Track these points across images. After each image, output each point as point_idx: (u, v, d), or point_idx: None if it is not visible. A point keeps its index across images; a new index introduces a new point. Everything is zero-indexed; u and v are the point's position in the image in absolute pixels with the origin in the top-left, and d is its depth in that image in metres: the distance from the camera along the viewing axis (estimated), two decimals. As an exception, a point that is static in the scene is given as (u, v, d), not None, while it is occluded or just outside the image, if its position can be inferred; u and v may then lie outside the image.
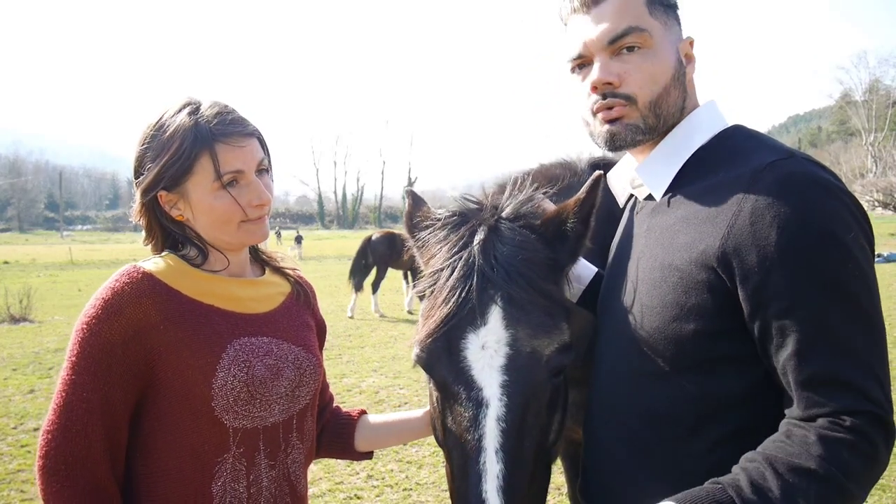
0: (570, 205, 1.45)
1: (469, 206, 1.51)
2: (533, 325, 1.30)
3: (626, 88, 1.31)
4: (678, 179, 1.33)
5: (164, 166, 1.41)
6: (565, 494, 4.34)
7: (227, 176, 1.42)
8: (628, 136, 1.34)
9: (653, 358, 1.25)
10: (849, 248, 1.08)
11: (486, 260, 1.34)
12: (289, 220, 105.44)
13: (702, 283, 1.17)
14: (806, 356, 1.07)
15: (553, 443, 1.37)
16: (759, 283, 1.10)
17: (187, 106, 1.46)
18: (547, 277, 1.38)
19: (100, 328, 1.30)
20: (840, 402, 1.05)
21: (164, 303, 1.36)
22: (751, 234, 1.11)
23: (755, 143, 1.27)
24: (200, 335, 1.37)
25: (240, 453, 1.39)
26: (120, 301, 1.32)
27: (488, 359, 1.28)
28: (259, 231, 1.51)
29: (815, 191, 1.10)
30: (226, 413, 1.36)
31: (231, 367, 1.37)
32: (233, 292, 1.49)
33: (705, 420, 1.20)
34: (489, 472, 1.21)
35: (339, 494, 4.61)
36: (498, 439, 1.23)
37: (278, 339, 1.50)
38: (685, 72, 1.36)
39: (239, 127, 1.46)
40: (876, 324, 1.10)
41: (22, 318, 12.70)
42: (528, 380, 1.28)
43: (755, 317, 1.12)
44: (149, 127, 1.46)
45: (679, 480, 1.21)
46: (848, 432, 1.03)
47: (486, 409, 1.25)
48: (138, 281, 1.35)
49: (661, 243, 1.29)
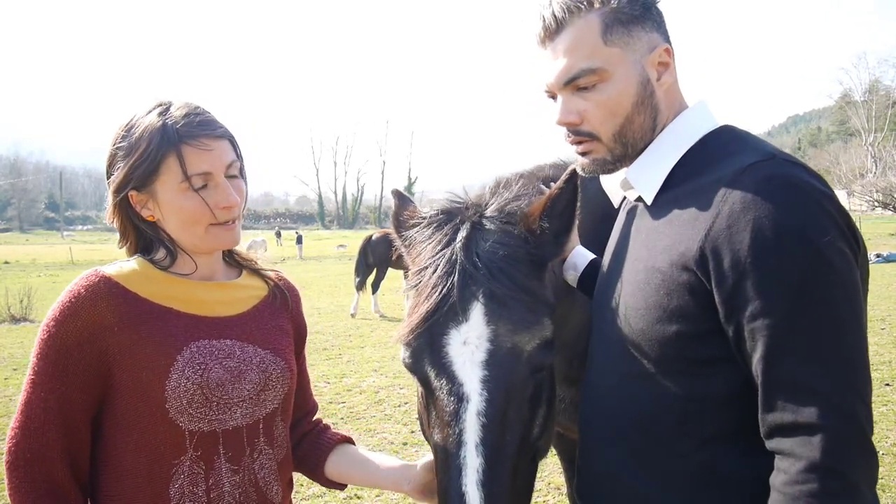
0: (544, 201, 1.46)
1: (454, 205, 1.52)
2: (514, 320, 1.32)
3: (587, 126, 1.34)
4: (667, 181, 1.33)
5: (131, 167, 1.42)
6: (565, 494, 4.35)
7: (196, 178, 1.41)
8: (597, 169, 1.39)
9: (638, 359, 1.26)
10: (822, 252, 1.06)
11: (467, 257, 1.36)
12: (289, 220, 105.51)
13: (682, 285, 1.17)
14: (772, 361, 1.07)
15: (538, 437, 1.38)
16: (732, 286, 1.10)
17: (158, 107, 1.46)
18: (529, 273, 1.39)
19: (57, 331, 1.33)
20: (804, 411, 1.03)
21: (120, 305, 1.37)
22: (727, 237, 1.11)
23: (740, 144, 1.27)
24: (155, 337, 1.37)
25: (197, 456, 1.38)
26: (76, 304, 1.34)
27: (469, 354, 1.30)
28: (228, 236, 1.49)
29: (791, 193, 1.10)
30: (180, 415, 1.35)
31: (185, 368, 1.36)
32: (197, 295, 1.48)
33: (692, 420, 1.20)
34: (469, 466, 1.23)
35: (339, 494, 4.61)
36: (478, 434, 1.25)
37: (244, 342, 1.49)
38: (653, 91, 1.33)
39: (207, 129, 1.44)
40: (851, 329, 1.07)
41: (22, 317, 12.72)
42: (508, 375, 1.30)
43: (730, 320, 1.12)
44: (120, 128, 1.47)
45: (667, 480, 1.23)
46: (818, 480, 1.01)
47: (467, 403, 1.28)
48: (95, 284, 1.37)
49: (646, 245, 1.29)
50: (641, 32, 1.31)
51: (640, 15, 1.31)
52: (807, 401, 1.04)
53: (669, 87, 1.35)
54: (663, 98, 1.35)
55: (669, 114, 1.36)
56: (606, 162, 1.37)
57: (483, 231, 1.41)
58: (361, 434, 5.86)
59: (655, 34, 1.33)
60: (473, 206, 1.49)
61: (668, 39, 1.36)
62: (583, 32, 1.28)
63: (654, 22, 1.33)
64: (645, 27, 1.31)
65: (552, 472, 4.84)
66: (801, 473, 1.02)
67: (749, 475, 1.16)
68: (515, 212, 1.47)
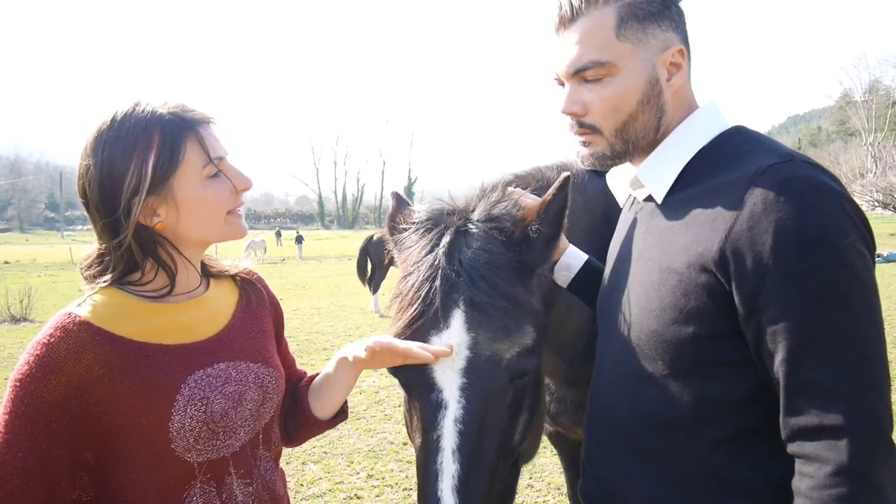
0: (536, 207, 1.46)
1: (442, 209, 1.53)
2: (494, 328, 1.33)
3: (590, 118, 1.33)
4: (678, 181, 1.32)
5: (154, 162, 1.27)
6: (565, 494, 4.35)
7: (216, 162, 1.34)
8: (597, 163, 1.39)
9: (651, 361, 1.25)
10: (844, 253, 1.06)
11: (450, 264, 1.37)
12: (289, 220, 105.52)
13: (700, 286, 1.16)
14: (795, 364, 1.06)
15: (519, 443, 1.39)
16: (753, 288, 1.10)
17: (139, 103, 1.32)
18: (512, 280, 1.39)
19: (35, 387, 1.18)
20: (829, 415, 1.03)
21: (107, 353, 1.24)
22: (748, 239, 1.10)
23: (755, 144, 1.26)
24: (150, 380, 1.27)
25: (207, 478, 1.33)
26: (56, 358, 1.20)
27: (449, 361, 1.32)
28: (241, 223, 1.44)
29: (813, 195, 1.09)
30: (188, 452, 1.29)
31: (187, 407, 1.29)
32: (180, 321, 1.37)
33: (705, 423, 1.19)
34: (446, 472, 1.25)
35: (339, 494, 4.62)
36: (455, 440, 1.27)
37: (236, 361, 1.41)
38: (660, 90, 1.31)
39: (203, 114, 1.37)
40: (871, 330, 1.07)
41: (22, 318, 12.72)
42: (487, 382, 1.31)
43: (750, 322, 1.12)
44: (101, 130, 1.29)
45: (679, 482, 1.22)
46: (846, 483, 1.01)
47: (445, 410, 1.30)
48: (75, 334, 1.22)
49: (660, 245, 1.28)
50: (657, 30, 1.29)
51: (657, 12, 1.29)
52: (831, 404, 1.03)
53: (679, 88, 1.34)
54: (671, 99, 1.34)
55: (676, 115, 1.35)
56: (605, 157, 1.37)
57: (468, 237, 1.42)
58: (361, 434, 5.86)
59: (672, 34, 1.31)
60: (460, 211, 1.50)
61: (686, 41, 1.34)
62: (597, 24, 1.28)
63: (673, 21, 1.31)
64: (661, 25, 1.29)
65: (552, 473, 4.84)
66: (829, 477, 1.02)
67: (762, 479, 1.15)
68: (503, 217, 1.47)
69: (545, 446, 5.20)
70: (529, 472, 4.87)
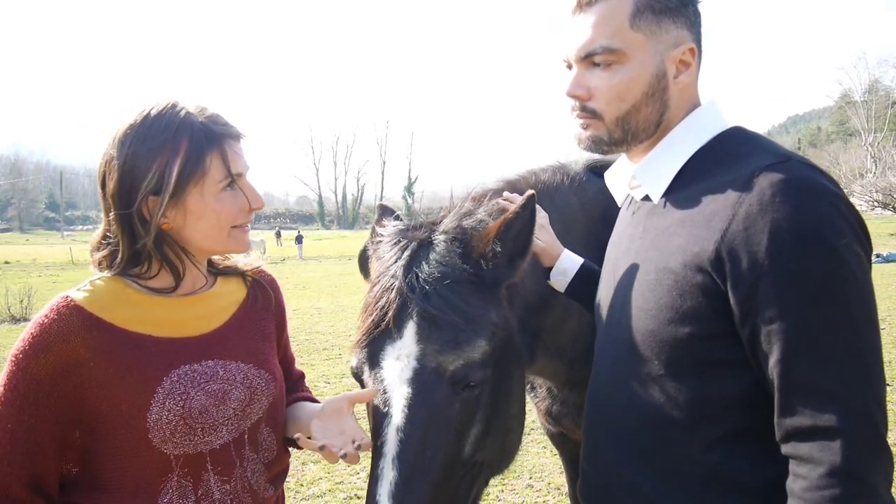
0: (498, 224, 1.48)
1: (411, 222, 1.58)
2: (442, 341, 1.37)
3: (593, 104, 1.34)
4: (675, 181, 1.32)
5: (180, 167, 1.32)
6: (565, 494, 4.36)
7: (234, 178, 1.39)
8: (593, 146, 1.39)
9: (647, 360, 1.25)
10: (840, 254, 1.07)
11: (405, 276, 1.42)
12: (289, 220, 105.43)
13: (696, 286, 1.17)
14: (789, 364, 1.07)
15: (471, 456, 1.40)
16: (749, 289, 1.10)
17: (176, 105, 1.37)
18: (468, 294, 1.42)
19: (27, 364, 1.27)
20: (823, 415, 1.03)
21: (94, 338, 1.30)
22: (744, 239, 1.10)
23: (753, 145, 1.26)
24: (133, 370, 1.31)
25: (185, 472, 1.35)
26: (47, 338, 1.28)
27: (399, 371, 1.37)
28: (246, 239, 1.47)
29: (809, 196, 1.10)
30: (164, 444, 1.32)
31: (166, 400, 1.32)
32: (175, 315, 1.41)
33: (701, 422, 1.20)
34: (385, 478, 1.30)
35: (339, 494, 4.62)
36: (395, 448, 1.31)
37: (226, 360, 1.43)
38: (666, 86, 1.32)
39: (233, 129, 1.42)
40: (866, 331, 1.07)
41: (23, 318, 12.71)
42: (429, 394, 1.35)
43: (745, 322, 1.12)
44: (132, 126, 1.34)
45: (676, 482, 1.22)
46: (840, 485, 1.01)
47: (390, 418, 1.34)
48: (67, 317, 1.30)
49: (657, 245, 1.28)
50: (671, 26, 1.30)
51: (674, 8, 1.30)
52: (826, 404, 1.04)
53: (685, 87, 1.34)
54: (675, 96, 1.34)
55: (679, 113, 1.35)
56: (602, 142, 1.37)
57: (428, 251, 1.46)
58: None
59: (685, 31, 1.32)
60: (428, 224, 1.54)
61: (699, 42, 1.35)
62: (612, 11, 1.29)
63: (688, 20, 1.32)
64: (676, 22, 1.31)
65: (552, 473, 4.85)
66: (823, 478, 1.02)
67: (757, 478, 1.16)
68: (468, 230, 1.50)
69: (545, 446, 5.21)
70: (530, 472, 4.88)
